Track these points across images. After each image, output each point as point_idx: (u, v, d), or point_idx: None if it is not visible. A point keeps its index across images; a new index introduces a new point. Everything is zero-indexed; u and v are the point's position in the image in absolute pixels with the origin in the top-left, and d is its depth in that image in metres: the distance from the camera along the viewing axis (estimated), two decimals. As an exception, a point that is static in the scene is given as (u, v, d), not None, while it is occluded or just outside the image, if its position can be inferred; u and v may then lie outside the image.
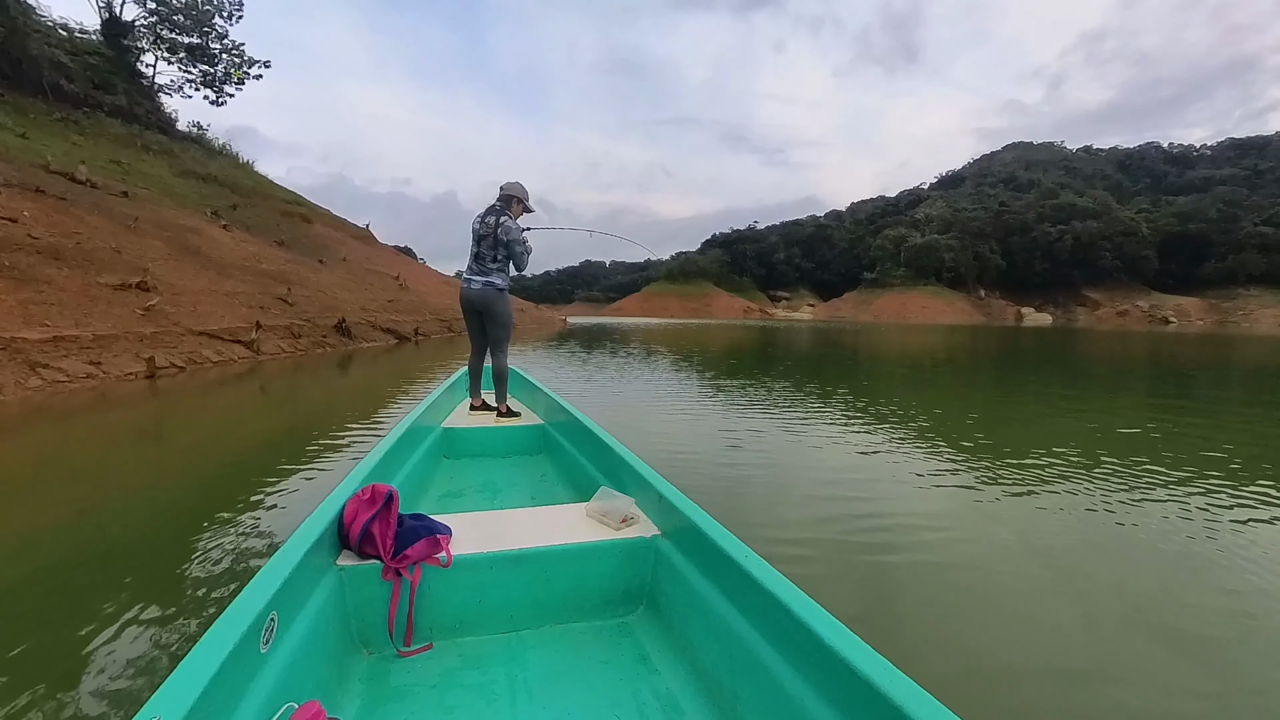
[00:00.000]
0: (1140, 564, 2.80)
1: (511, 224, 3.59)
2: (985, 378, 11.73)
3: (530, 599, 1.71)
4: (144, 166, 19.92)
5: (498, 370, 3.80)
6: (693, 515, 1.66)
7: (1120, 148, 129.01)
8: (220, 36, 28.39)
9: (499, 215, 3.62)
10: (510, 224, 3.59)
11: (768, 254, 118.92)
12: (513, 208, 3.70)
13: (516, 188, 3.71)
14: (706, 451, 4.72)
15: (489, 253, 3.64)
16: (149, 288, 10.22)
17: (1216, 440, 5.54)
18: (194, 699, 0.88)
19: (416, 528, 1.68)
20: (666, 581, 1.73)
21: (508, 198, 3.69)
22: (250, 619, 1.09)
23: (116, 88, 23.93)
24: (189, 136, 27.80)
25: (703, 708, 1.38)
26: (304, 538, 1.45)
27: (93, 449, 4.67)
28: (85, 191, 13.67)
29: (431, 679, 1.47)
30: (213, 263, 14.03)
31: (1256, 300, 75.69)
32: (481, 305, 3.75)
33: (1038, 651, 2.06)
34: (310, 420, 5.95)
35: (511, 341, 4.04)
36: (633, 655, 1.60)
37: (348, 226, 31.79)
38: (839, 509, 3.41)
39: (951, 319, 74.67)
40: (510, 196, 3.69)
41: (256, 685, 1.08)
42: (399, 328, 17.53)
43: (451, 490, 2.86)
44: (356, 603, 1.56)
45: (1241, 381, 11.25)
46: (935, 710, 0.91)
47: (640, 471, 2.10)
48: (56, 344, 7.22)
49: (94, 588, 2.30)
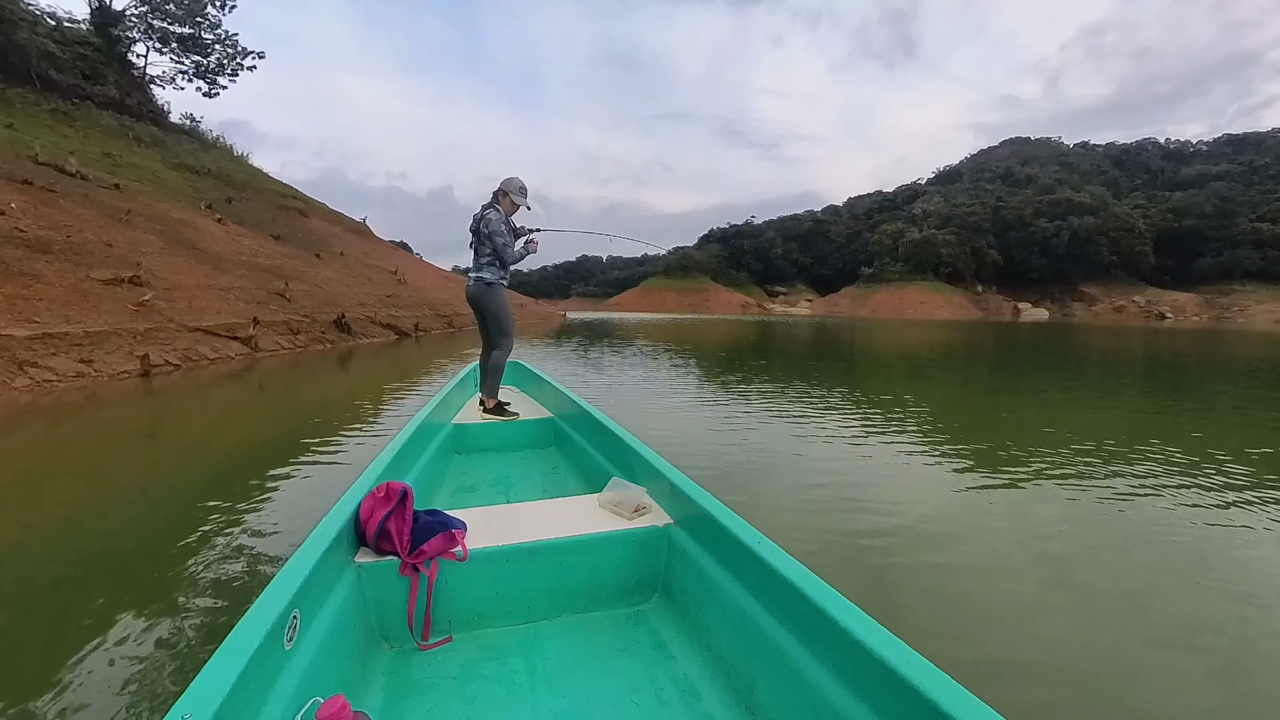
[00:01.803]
0: (1142, 547, 2.92)
1: (493, 216, 3.59)
2: (988, 373, 11.57)
3: (546, 590, 1.73)
4: (136, 159, 19.51)
5: (492, 362, 3.73)
6: (705, 503, 1.67)
7: (1117, 143, 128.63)
8: (213, 27, 27.89)
9: (485, 209, 3.66)
10: (491, 216, 3.59)
11: (765, 249, 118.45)
12: (500, 202, 3.69)
13: (506, 182, 3.71)
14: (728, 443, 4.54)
15: (477, 247, 3.68)
16: (142, 282, 9.90)
17: (1214, 434, 5.61)
18: (222, 697, 0.89)
19: (431, 523, 1.69)
20: (680, 569, 1.75)
21: (498, 192, 3.70)
22: (274, 617, 1.10)
23: (107, 79, 23.45)
24: (182, 129, 27.32)
25: (720, 692, 1.39)
26: (322, 536, 1.45)
27: (87, 449, 4.43)
28: (75, 184, 13.31)
29: (452, 671, 1.48)
30: (208, 257, 13.70)
31: (1252, 296, 75.78)
32: (476, 301, 3.78)
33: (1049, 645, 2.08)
34: (315, 420, 5.69)
35: (516, 334, 3.98)
36: (649, 643, 1.61)
37: (344, 220, 31.39)
38: (838, 495, 3.59)
39: (949, 314, 74.89)
40: (498, 191, 3.70)
41: (282, 681, 1.10)
42: (399, 323, 17.23)
43: (464, 485, 2.88)
44: (376, 598, 1.58)
45: (1238, 378, 11.10)
46: (955, 692, 0.90)
47: (651, 461, 2.11)
48: (45, 341, 6.92)
49: (114, 591, 2.32)
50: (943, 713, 0.88)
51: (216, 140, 29.08)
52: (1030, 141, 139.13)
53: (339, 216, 31.30)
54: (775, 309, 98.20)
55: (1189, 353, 17.37)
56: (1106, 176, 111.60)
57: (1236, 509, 3.42)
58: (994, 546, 2.90)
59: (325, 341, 13.01)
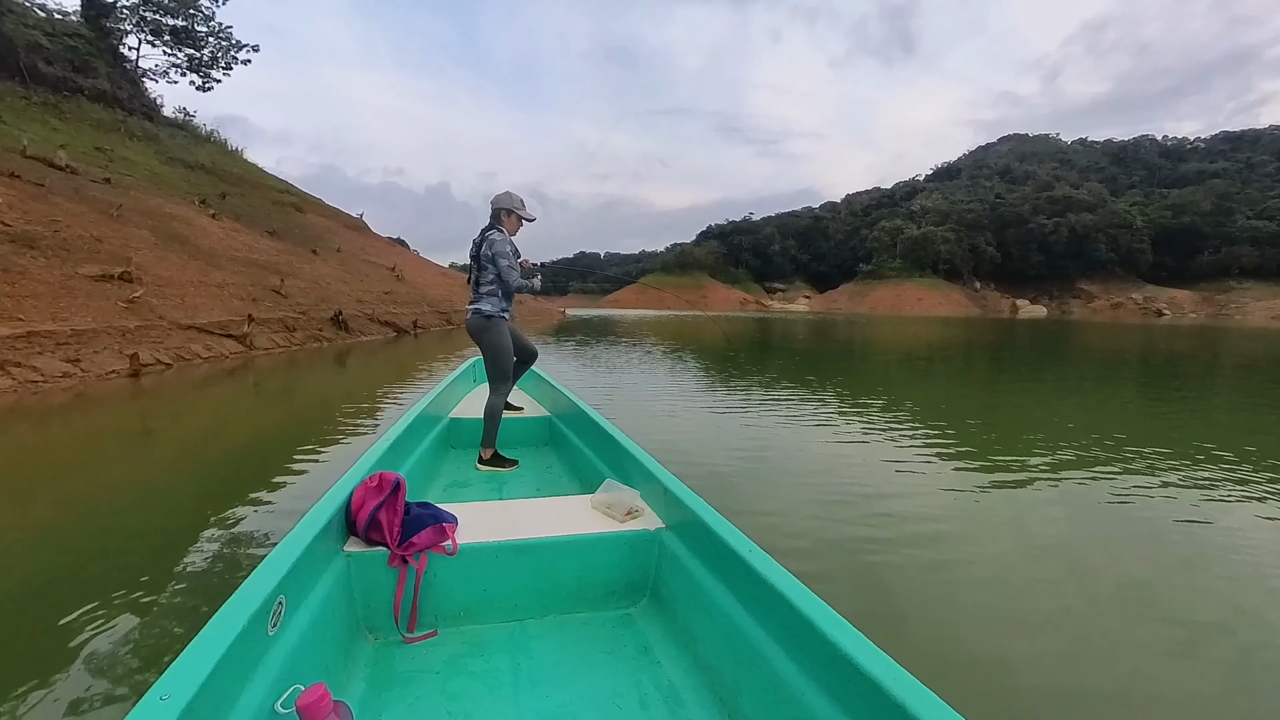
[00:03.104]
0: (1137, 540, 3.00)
1: (496, 238, 3.15)
2: (993, 371, 11.37)
3: (535, 589, 1.71)
4: (127, 153, 19.15)
5: (487, 409, 3.18)
6: (697, 509, 1.65)
7: (1115, 140, 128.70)
8: (206, 19, 27.39)
9: (486, 231, 3.20)
10: (495, 238, 3.15)
11: (763, 246, 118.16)
12: (504, 222, 3.25)
13: (504, 199, 3.26)
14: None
15: (478, 274, 3.20)
16: (132, 279, 9.62)
17: (1204, 430, 5.77)
18: (202, 679, 0.88)
19: (423, 516, 1.67)
20: (670, 574, 1.73)
21: (497, 212, 3.25)
22: (258, 602, 1.09)
23: (98, 71, 23.00)
24: (175, 123, 26.87)
25: (704, 699, 1.38)
26: (312, 524, 1.44)
27: (75, 450, 4.18)
28: (64, 178, 12.98)
29: (436, 665, 1.47)
30: (201, 253, 13.39)
31: (1249, 293, 75.94)
32: (474, 335, 3.27)
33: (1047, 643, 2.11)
34: (314, 419, 5.45)
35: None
36: (635, 646, 1.60)
37: (341, 216, 31.00)
38: (841, 491, 3.67)
39: (947, 311, 74.93)
40: (499, 210, 3.24)
41: (264, 667, 1.09)
42: (397, 320, 16.95)
43: (458, 480, 2.86)
44: (363, 589, 1.57)
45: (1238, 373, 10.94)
46: (934, 706, 0.89)
47: (646, 464, 2.09)
48: (30, 340, 6.65)
49: (104, 575, 2.34)
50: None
51: (210, 135, 28.61)
52: (1028, 138, 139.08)
53: (335, 212, 30.89)
54: (773, 306, 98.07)
55: (1186, 350, 17.24)
56: (1104, 173, 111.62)
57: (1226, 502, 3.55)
58: (999, 539, 2.96)
59: (322, 339, 12.74)
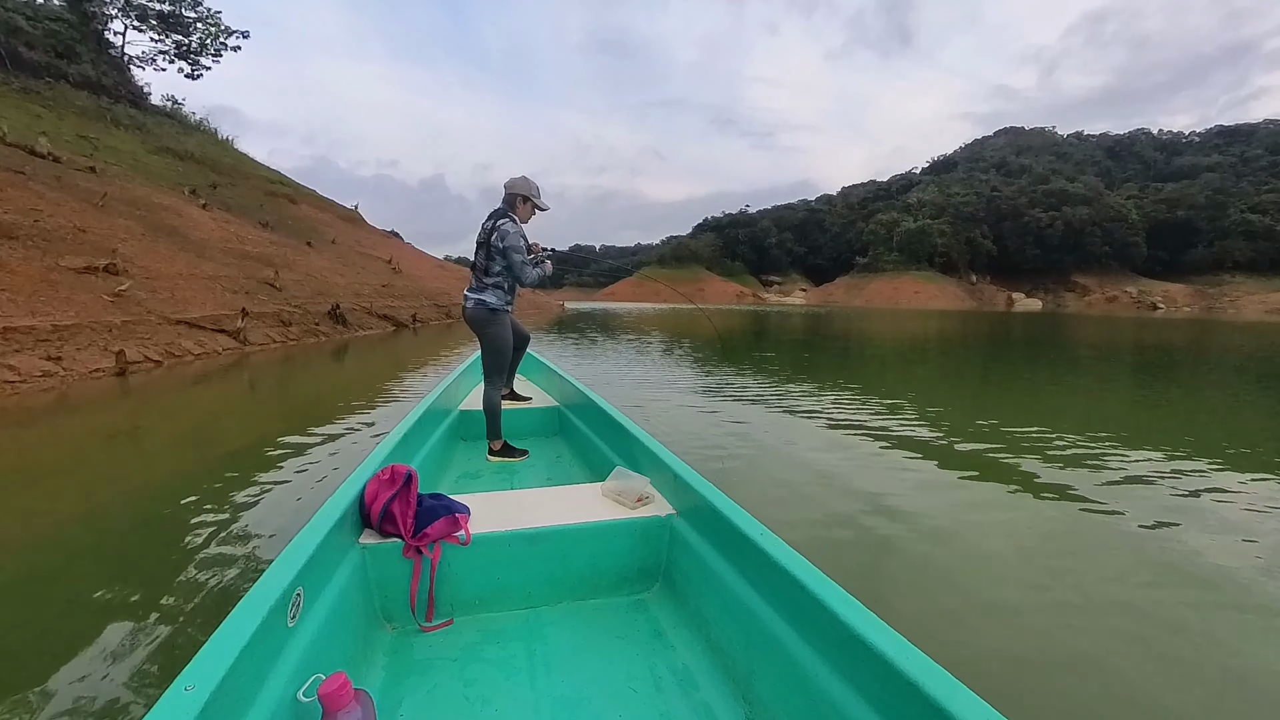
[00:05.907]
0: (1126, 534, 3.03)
1: (510, 228, 2.96)
2: (992, 366, 11.12)
3: (548, 576, 1.73)
4: (113, 141, 18.55)
5: (484, 404, 3.12)
6: (708, 494, 1.66)
7: (1110, 134, 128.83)
8: (194, 4, 26.66)
9: (497, 218, 3.01)
10: (509, 228, 2.96)
11: (760, 238, 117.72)
12: (517, 208, 3.07)
13: (520, 184, 3.08)
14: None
15: (485, 263, 3.04)
16: (119, 271, 9.16)
17: (1190, 423, 5.89)
18: (225, 670, 0.89)
19: (435, 507, 1.68)
20: (682, 559, 1.74)
21: (511, 197, 3.07)
22: (278, 594, 1.10)
23: (82, 57, 22.31)
24: (163, 111, 26.17)
25: (718, 682, 1.39)
26: (327, 517, 1.45)
27: (66, 451, 3.80)
28: (46, 166, 12.46)
29: (453, 653, 1.49)
30: (191, 244, 12.91)
31: (1242, 287, 76.20)
32: (474, 325, 3.12)
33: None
34: (312, 418, 5.08)
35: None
36: (648, 631, 1.61)
37: (335, 208, 30.39)
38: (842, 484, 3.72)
39: (943, 304, 74.93)
40: (514, 195, 3.07)
41: (285, 657, 1.10)
42: (396, 314, 16.52)
43: (469, 471, 2.88)
44: (379, 579, 1.58)
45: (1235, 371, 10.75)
46: (951, 686, 0.90)
47: (655, 452, 2.10)
48: (6, 336, 6.22)
49: (121, 571, 2.37)
50: (938, 707, 0.87)
51: (200, 124, 27.90)
52: (1025, 131, 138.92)
53: (330, 204, 30.25)
54: (770, 299, 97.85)
55: (1181, 344, 17.10)
56: (1100, 167, 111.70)
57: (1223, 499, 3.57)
58: (998, 536, 2.98)
59: (319, 334, 12.31)
